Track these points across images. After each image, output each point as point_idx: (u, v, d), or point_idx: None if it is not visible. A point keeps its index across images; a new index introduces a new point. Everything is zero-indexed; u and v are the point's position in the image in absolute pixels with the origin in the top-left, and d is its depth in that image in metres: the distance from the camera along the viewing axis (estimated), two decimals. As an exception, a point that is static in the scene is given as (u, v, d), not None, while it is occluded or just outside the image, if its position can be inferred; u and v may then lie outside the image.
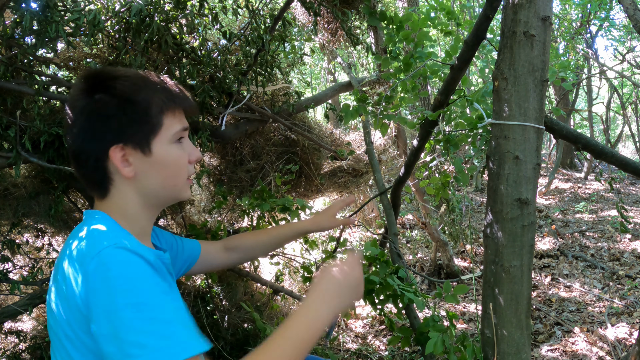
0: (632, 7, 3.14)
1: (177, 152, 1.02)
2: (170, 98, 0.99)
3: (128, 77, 0.97)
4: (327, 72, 12.29)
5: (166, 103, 0.98)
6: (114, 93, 0.95)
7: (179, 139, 1.03)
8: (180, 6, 2.37)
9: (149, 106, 0.97)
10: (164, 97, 0.98)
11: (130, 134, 0.97)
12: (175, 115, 1.01)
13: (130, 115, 0.96)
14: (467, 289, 1.86)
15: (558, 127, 1.94)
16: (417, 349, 3.83)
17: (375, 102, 2.45)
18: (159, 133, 0.99)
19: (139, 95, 0.96)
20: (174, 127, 1.01)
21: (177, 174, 1.03)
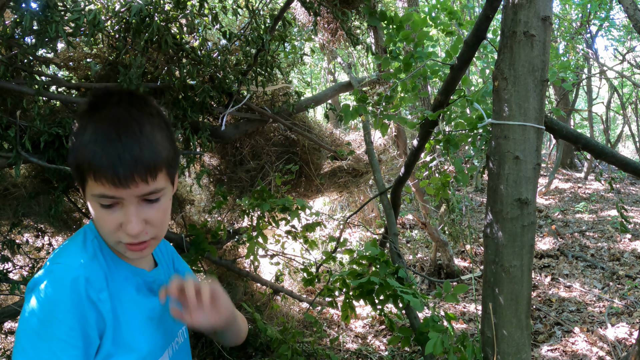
0: (632, 7, 3.14)
1: (98, 213, 0.89)
2: (92, 161, 0.84)
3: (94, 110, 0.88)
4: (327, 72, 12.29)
5: (88, 163, 0.85)
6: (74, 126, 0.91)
7: (106, 205, 0.88)
8: (180, 6, 2.37)
9: (73, 156, 0.87)
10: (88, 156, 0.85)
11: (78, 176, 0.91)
12: (96, 180, 0.85)
13: (69, 160, 0.90)
14: (467, 288, 1.86)
15: (558, 127, 1.94)
16: (417, 349, 3.83)
17: (375, 102, 2.45)
18: (85, 186, 0.88)
19: (75, 139, 0.88)
20: (93, 190, 0.87)
21: (102, 231, 0.92)
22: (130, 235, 0.89)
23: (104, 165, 0.84)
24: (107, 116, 0.86)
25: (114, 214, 0.88)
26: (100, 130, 0.85)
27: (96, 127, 0.85)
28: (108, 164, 0.84)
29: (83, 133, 0.86)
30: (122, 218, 0.89)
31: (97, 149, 0.84)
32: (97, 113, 0.87)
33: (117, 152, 0.84)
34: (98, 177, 0.84)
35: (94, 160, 0.84)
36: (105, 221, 0.89)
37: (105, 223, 0.89)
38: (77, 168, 0.87)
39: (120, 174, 0.84)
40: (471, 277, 5.38)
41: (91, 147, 0.84)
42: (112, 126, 0.85)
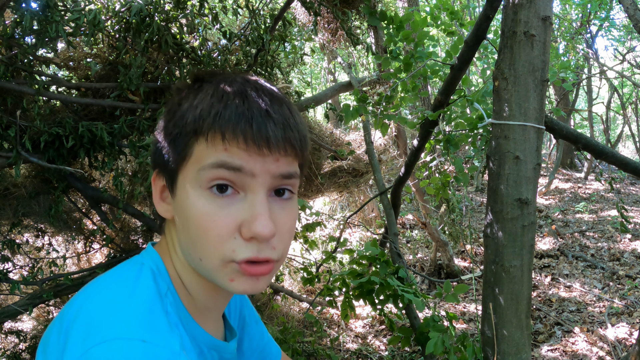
0: (632, 7, 3.14)
1: (204, 206, 0.59)
2: (213, 114, 0.59)
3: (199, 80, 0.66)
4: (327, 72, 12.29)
5: (202, 120, 0.59)
6: (171, 100, 0.67)
7: (220, 187, 0.59)
8: (180, 6, 2.37)
9: (180, 120, 0.62)
10: (204, 111, 0.60)
11: (161, 156, 0.64)
12: (212, 143, 0.59)
13: (165, 131, 0.64)
14: (467, 288, 1.86)
15: (558, 127, 1.94)
16: (417, 349, 3.83)
17: (376, 102, 2.45)
18: (185, 167, 0.61)
19: (182, 104, 0.63)
20: (207, 160, 0.58)
21: (203, 242, 0.59)
22: (257, 236, 0.58)
23: (242, 117, 0.58)
24: (235, 79, 0.64)
25: (230, 208, 0.59)
26: (228, 90, 0.61)
27: (221, 87, 0.62)
28: (249, 117, 0.58)
29: (193, 96, 0.63)
30: (245, 213, 0.59)
31: (229, 103, 0.59)
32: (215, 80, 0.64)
33: (262, 104, 0.60)
34: (227, 134, 0.58)
35: (225, 113, 0.58)
36: (214, 219, 0.58)
37: (213, 222, 0.58)
38: (184, 134, 0.60)
39: (269, 131, 0.58)
40: (471, 277, 5.38)
41: (218, 104, 0.60)
42: (246, 85, 0.63)
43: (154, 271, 0.64)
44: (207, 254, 0.60)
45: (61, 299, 3.15)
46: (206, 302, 0.69)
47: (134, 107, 2.39)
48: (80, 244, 3.20)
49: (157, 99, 2.51)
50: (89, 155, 2.30)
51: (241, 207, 0.59)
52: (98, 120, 2.29)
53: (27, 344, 2.95)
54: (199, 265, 0.62)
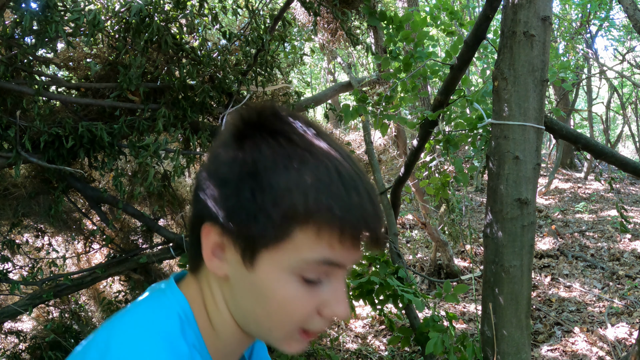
0: (632, 7, 3.14)
1: (293, 291, 0.59)
2: (335, 209, 0.55)
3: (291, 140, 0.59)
4: (327, 72, 12.29)
5: (319, 211, 0.55)
6: (250, 152, 0.58)
7: (313, 281, 0.59)
8: (180, 6, 2.37)
9: (284, 199, 0.55)
10: (323, 200, 0.55)
11: (235, 223, 0.58)
12: (324, 239, 0.56)
13: (245, 197, 0.57)
14: (467, 288, 1.86)
15: (558, 127, 1.94)
16: (417, 349, 3.83)
17: (375, 102, 2.45)
18: (277, 247, 0.57)
19: (281, 175, 0.56)
20: (307, 254, 0.57)
21: (281, 319, 0.60)
22: (339, 317, 0.60)
23: (360, 220, 0.56)
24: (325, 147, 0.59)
25: (317, 293, 0.59)
26: (332, 167, 0.57)
27: (320, 161, 0.57)
28: (365, 217, 0.57)
29: (295, 168, 0.56)
30: (328, 297, 0.60)
31: (346, 198, 0.55)
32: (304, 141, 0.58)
33: (371, 200, 0.58)
34: (344, 237, 0.56)
35: (345, 215, 0.55)
36: (301, 304, 0.59)
37: (300, 307, 0.59)
38: (288, 217, 0.56)
39: (378, 235, 0.58)
40: (471, 277, 5.38)
41: (332, 189, 0.55)
42: (344, 161, 0.58)
43: (182, 319, 0.61)
44: (279, 328, 0.61)
45: (61, 299, 3.15)
46: (234, 350, 0.69)
47: (133, 107, 2.39)
48: (80, 244, 3.20)
49: (156, 99, 2.51)
50: (89, 155, 2.31)
51: (325, 290, 0.60)
52: (98, 121, 2.29)
53: (27, 344, 2.95)
54: (262, 332, 0.63)
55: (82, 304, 3.37)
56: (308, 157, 0.57)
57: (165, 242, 2.84)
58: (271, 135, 0.59)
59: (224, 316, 0.65)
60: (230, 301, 0.64)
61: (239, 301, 0.62)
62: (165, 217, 3.13)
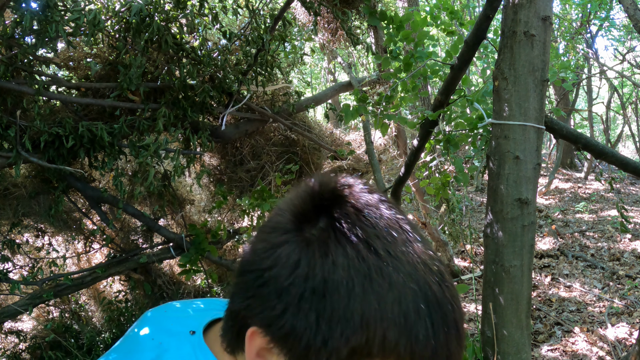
0: (632, 7, 3.14)
1: None
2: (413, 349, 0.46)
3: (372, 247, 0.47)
4: (327, 72, 12.29)
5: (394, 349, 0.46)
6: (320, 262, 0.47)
7: None
8: (180, 6, 2.37)
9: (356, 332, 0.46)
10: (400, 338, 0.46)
11: (294, 341, 0.48)
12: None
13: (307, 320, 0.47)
14: (467, 288, 1.86)
15: (558, 127, 1.94)
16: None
17: (376, 102, 2.45)
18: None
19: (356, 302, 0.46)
20: None
21: None
22: None
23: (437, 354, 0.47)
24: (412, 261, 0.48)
25: None
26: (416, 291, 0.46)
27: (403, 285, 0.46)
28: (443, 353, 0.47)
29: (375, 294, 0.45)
30: None
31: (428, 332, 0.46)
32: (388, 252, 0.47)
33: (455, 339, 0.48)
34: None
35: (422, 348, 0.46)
36: None
37: None
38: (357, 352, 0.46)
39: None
40: (471, 277, 5.38)
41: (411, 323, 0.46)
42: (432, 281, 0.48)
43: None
44: None
45: (61, 299, 3.15)
46: None
47: (134, 107, 2.39)
48: (80, 244, 3.20)
49: (157, 99, 2.51)
50: (89, 155, 2.31)
51: None
52: (98, 120, 2.29)
53: (27, 344, 2.95)
54: None
55: (83, 304, 3.37)
56: (393, 276, 0.46)
57: (166, 242, 2.84)
58: (346, 235, 0.47)
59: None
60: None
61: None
62: (165, 216, 3.14)
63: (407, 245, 0.49)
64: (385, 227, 0.49)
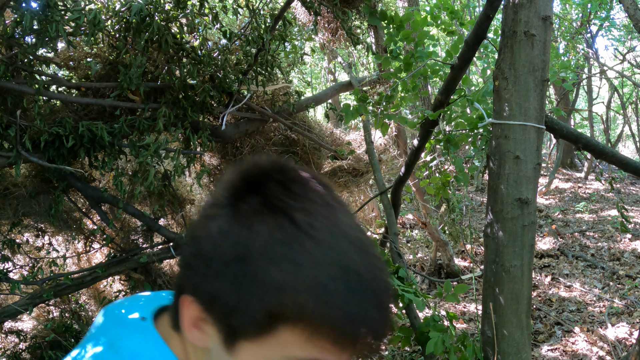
0: (633, 7, 3.13)
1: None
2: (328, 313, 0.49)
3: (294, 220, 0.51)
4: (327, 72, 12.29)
5: (310, 314, 0.49)
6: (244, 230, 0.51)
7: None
8: (180, 6, 2.37)
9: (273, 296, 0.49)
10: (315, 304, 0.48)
11: (216, 309, 0.53)
12: (314, 341, 0.50)
13: (229, 284, 0.51)
14: (467, 288, 1.86)
15: (558, 126, 1.94)
16: (417, 349, 3.83)
17: (376, 101, 2.45)
18: (260, 341, 0.52)
19: (274, 268, 0.49)
20: (293, 352, 0.52)
21: None
22: None
23: (357, 321, 0.50)
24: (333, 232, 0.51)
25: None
26: (335, 261, 0.50)
27: (323, 254, 0.49)
28: (365, 320, 0.50)
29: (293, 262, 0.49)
30: None
31: (345, 294, 0.49)
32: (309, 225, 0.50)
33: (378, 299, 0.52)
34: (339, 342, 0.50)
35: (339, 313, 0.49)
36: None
37: None
38: (274, 316, 0.50)
39: (380, 336, 0.52)
40: (471, 277, 5.38)
41: (329, 291, 0.48)
42: (352, 250, 0.51)
43: None
44: None
45: (61, 299, 3.15)
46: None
47: (134, 106, 2.39)
48: (80, 243, 3.20)
49: (157, 99, 2.51)
50: (89, 154, 2.31)
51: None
52: (98, 120, 2.29)
53: (27, 344, 2.95)
54: None
55: (83, 304, 3.37)
56: (312, 247, 0.49)
57: (166, 242, 2.84)
58: (272, 209, 0.51)
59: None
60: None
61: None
62: (165, 216, 3.13)
63: (330, 219, 0.52)
64: (310, 201, 0.52)
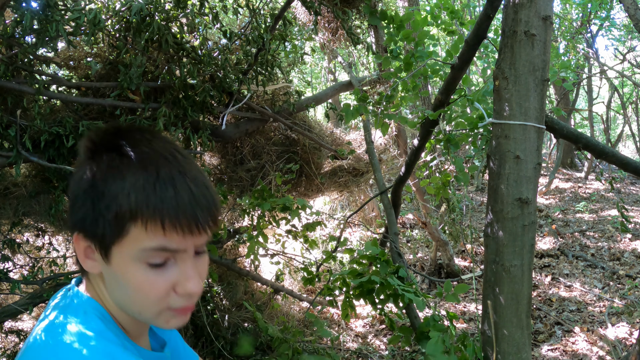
0: (633, 7, 3.13)
1: (143, 276, 0.70)
2: (152, 205, 0.67)
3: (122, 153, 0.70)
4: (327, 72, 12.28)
5: (140, 208, 0.67)
6: (91, 169, 0.71)
7: (158, 264, 0.71)
8: (180, 5, 2.37)
9: (113, 203, 0.68)
10: (141, 199, 0.67)
11: (92, 227, 0.70)
12: (152, 230, 0.68)
13: (88, 206, 0.70)
14: (467, 288, 1.86)
15: (559, 126, 1.94)
16: (417, 349, 3.83)
17: (376, 101, 2.45)
18: (121, 242, 0.69)
19: (110, 184, 0.68)
20: (143, 244, 0.68)
21: (142, 301, 0.72)
22: (191, 294, 0.72)
23: (178, 208, 0.68)
24: (151, 154, 0.70)
25: (166, 274, 0.71)
26: (157, 175, 0.68)
27: (142, 167, 0.69)
28: (181, 207, 0.68)
29: (120, 177, 0.68)
30: (177, 276, 0.71)
31: (163, 193, 0.67)
32: (132, 152, 0.70)
33: (191, 192, 0.69)
34: (166, 224, 0.67)
35: (162, 205, 0.67)
36: (153, 286, 0.70)
37: (153, 288, 0.70)
38: (119, 217, 0.68)
39: (199, 218, 0.69)
40: (471, 277, 5.38)
41: (153, 193, 0.67)
42: (167, 163, 0.70)
43: (103, 319, 0.74)
44: (145, 310, 0.73)
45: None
46: (138, 331, 0.82)
47: (134, 106, 2.39)
48: (80, 243, 3.20)
49: (157, 98, 2.51)
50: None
51: (174, 271, 0.72)
52: (98, 120, 2.29)
53: (28, 343, 2.95)
54: (137, 315, 0.75)
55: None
56: (134, 166, 0.69)
57: (166, 242, 2.84)
58: (109, 151, 0.71)
59: (115, 306, 0.77)
60: (109, 293, 0.76)
61: (112, 292, 0.75)
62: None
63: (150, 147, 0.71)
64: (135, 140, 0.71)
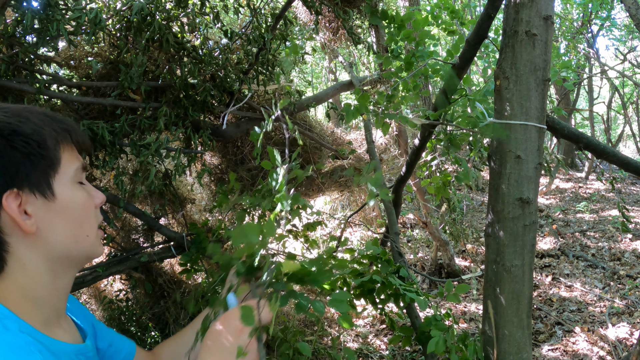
0: (634, 7, 3.13)
1: (82, 194, 0.84)
2: (64, 129, 0.82)
3: (7, 108, 0.80)
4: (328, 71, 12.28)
5: (60, 134, 0.81)
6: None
7: (81, 182, 0.86)
8: (181, 5, 2.37)
9: (42, 138, 0.78)
10: (56, 128, 0.81)
11: (24, 174, 0.76)
12: (72, 151, 0.84)
13: (21, 150, 0.76)
14: (468, 288, 1.86)
15: (559, 126, 1.94)
16: (417, 349, 3.83)
17: (377, 101, 2.45)
18: (59, 171, 0.80)
19: (26, 125, 0.77)
20: (73, 164, 0.83)
21: (87, 222, 0.84)
22: (103, 201, 0.91)
23: (73, 129, 0.84)
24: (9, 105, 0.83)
25: (86, 191, 0.87)
26: (31, 110, 0.82)
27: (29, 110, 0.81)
28: (74, 128, 0.85)
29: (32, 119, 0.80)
30: (89, 192, 0.88)
31: (55, 120, 0.83)
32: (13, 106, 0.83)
33: (66, 120, 0.86)
34: (73, 146, 0.84)
35: (64, 127, 0.83)
36: (88, 202, 0.85)
37: (90, 204, 0.86)
38: (47, 148, 0.79)
39: (85, 136, 0.88)
40: (472, 277, 5.38)
41: (46, 123, 0.81)
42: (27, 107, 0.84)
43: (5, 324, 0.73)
44: (91, 229, 0.85)
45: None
46: (54, 304, 0.85)
47: (135, 105, 2.39)
48: (81, 242, 3.20)
49: (158, 98, 2.51)
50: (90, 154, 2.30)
51: (87, 188, 0.87)
52: (99, 119, 2.29)
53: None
54: (85, 243, 0.85)
55: (83, 303, 3.38)
56: (26, 112, 0.80)
57: (167, 241, 2.84)
58: None
59: (37, 277, 0.80)
60: (44, 252, 0.80)
61: (56, 237, 0.80)
62: (166, 215, 3.13)
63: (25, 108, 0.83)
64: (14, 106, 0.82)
